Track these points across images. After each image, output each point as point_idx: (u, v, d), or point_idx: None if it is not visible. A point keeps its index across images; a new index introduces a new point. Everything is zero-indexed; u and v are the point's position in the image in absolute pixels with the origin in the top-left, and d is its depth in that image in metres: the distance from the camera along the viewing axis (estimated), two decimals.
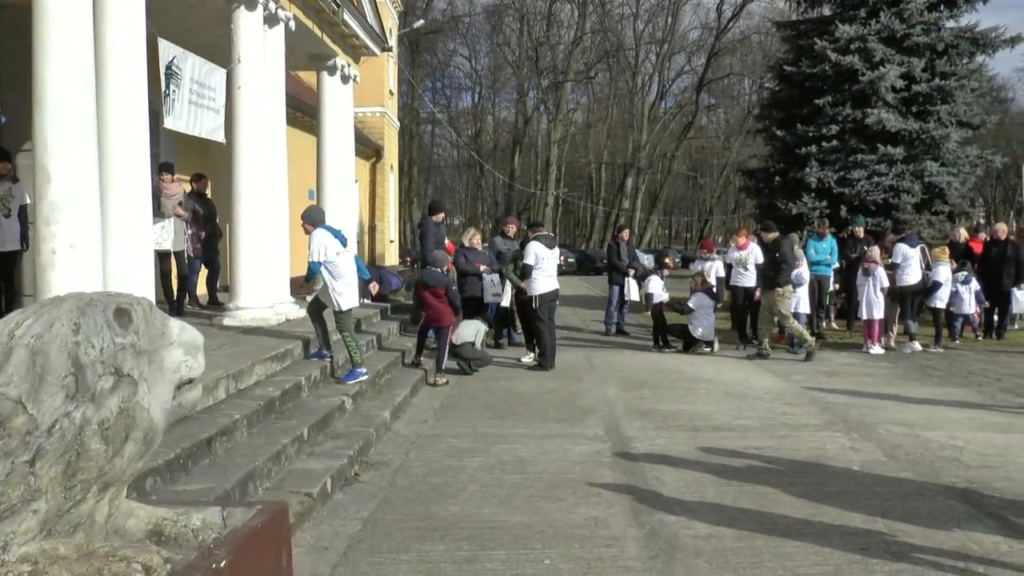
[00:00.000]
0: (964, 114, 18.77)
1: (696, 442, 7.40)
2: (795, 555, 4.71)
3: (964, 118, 18.85)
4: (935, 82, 18.26)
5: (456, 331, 11.09)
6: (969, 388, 10.38)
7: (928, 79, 18.31)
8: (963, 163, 18.65)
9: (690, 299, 13.59)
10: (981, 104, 19.99)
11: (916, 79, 18.21)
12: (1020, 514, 5.49)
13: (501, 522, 5.22)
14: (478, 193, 69.60)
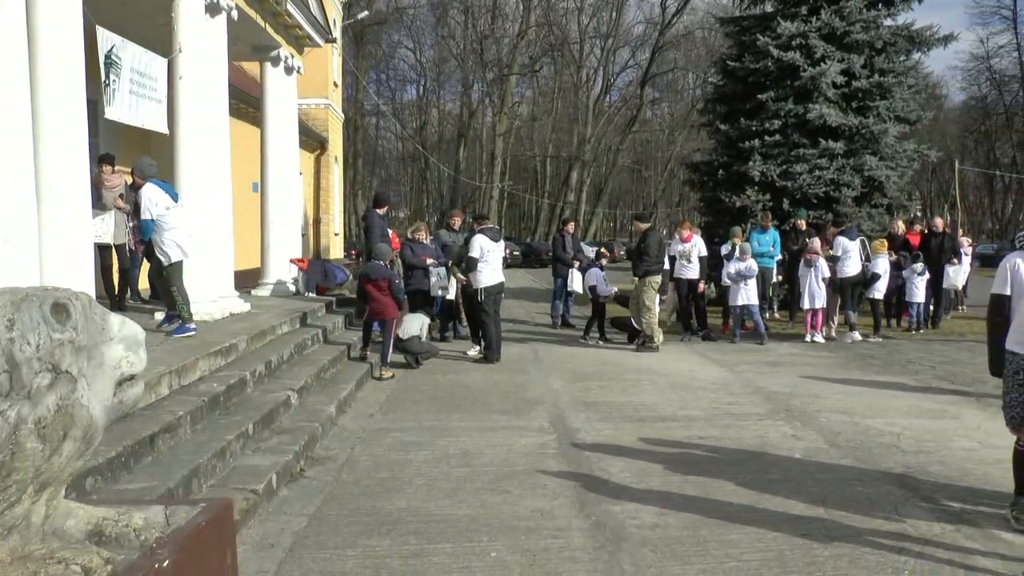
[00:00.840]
0: (901, 110, 19.17)
1: (641, 433, 7.46)
2: (739, 542, 4.78)
3: (901, 114, 19.26)
4: (874, 78, 18.62)
5: (402, 325, 11.06)
6: (906, 376, 10.62)
7: (867, 75, 18.66)
8: (901, 157, 19.06)
9: None
10: (917, 100, 20.40)
11: (856, 75, 18.54)
12: (952, 497, 5.67)
13: (447, 515, 5.22)
14: (423, 186, 69.35)
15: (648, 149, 73.02)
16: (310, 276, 14.46)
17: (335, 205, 28.03)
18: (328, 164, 26.14)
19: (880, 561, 4.53)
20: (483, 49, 58.27)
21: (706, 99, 23.29)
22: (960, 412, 8.48)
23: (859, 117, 18.42)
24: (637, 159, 72.81)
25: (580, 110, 63.18)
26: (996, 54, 64.50)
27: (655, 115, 71.36)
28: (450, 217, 15.21)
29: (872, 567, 4.46)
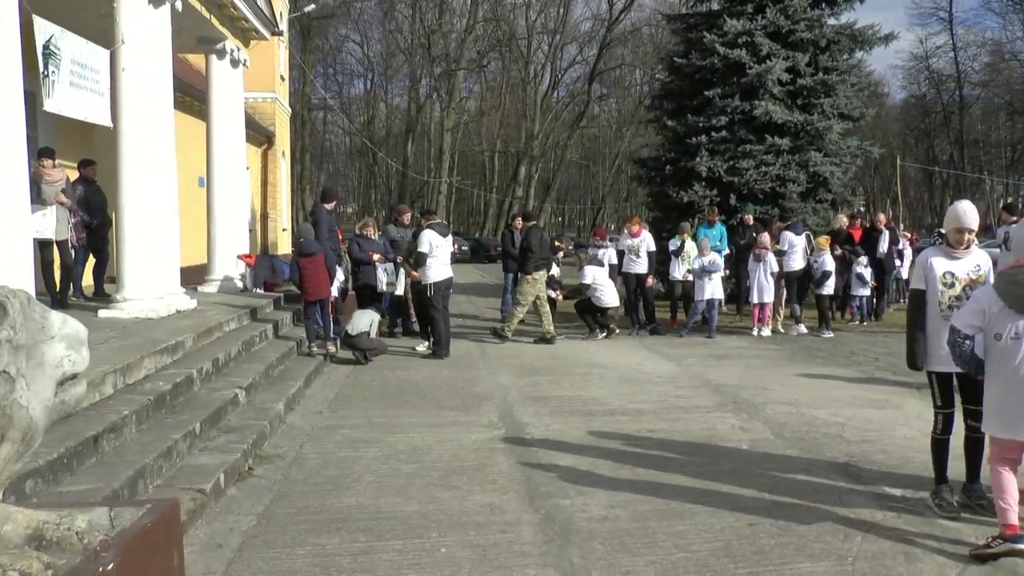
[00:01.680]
0: (845, 107, 19.52)
1: (590, 427, 7.50)
2: (687, 533, 4.83)
3: (845, 111, 19.61)
4: (818, 76, 18.92)
5: (351, 321, 11.01)
6: (850, 367, 10.82)
7: (812, 73, 18.94)
8: (844, 154, 19.40)
9: (583, 276, 13.73)
10: (860, 98, 20.76)
11: (801, 73, 18.81)
12: (893, 484, 5.80)
13: (397, 512, 5.20)
14: (371, 181, 68.96)
15: (596, 145, 73.29)
16: (258, 272, 14.30)
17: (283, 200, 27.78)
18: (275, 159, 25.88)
19: (825, 549, 4.62)
20: (431, 44, 58.01)
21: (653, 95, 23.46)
22: (902, 402, 8.66)
23: (804, 114, 18.68)
24: (585, 154, 73.07)
25: (528, 105, 63.16)
26: (934, 54, 66.29)
27: (603, 111, 71.58)
28: (398, 213, 15.15)
29: (817, 554, 4.54)
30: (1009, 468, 4.53)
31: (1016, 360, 4.41)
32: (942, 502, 5.17)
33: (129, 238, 9.73)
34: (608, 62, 62.35)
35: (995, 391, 4.54)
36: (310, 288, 10.71)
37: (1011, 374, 4.42)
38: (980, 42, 65.29)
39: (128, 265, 9.73)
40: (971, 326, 4.58)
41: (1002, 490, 4.48)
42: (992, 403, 4.58)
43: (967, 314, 4.64)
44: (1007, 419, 4.48)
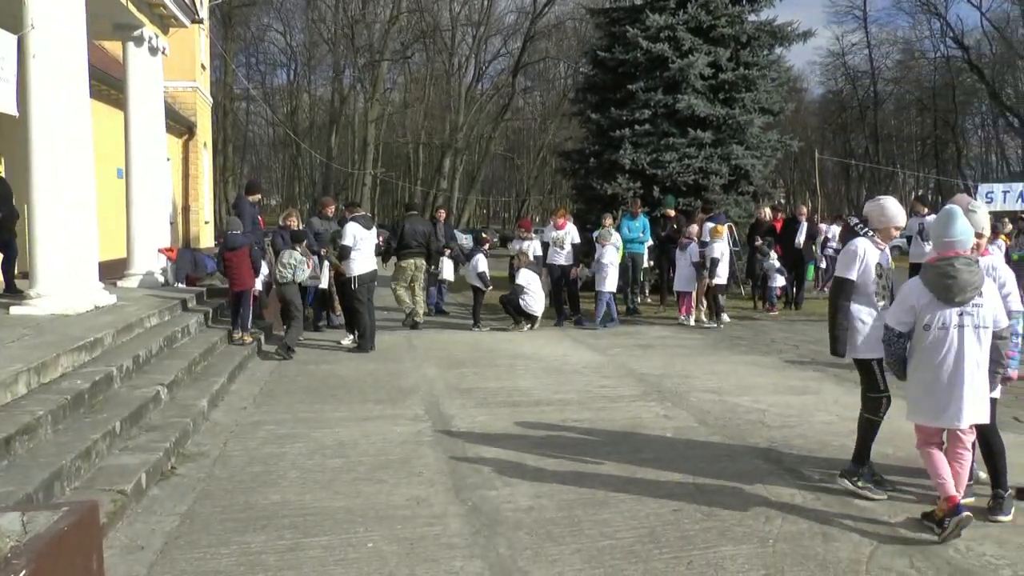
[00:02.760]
0: (765, 101, 19.91)
1: (516, 417, 7.53)
2: (612, 521, 4.88)
3: (765, 105, 20.01)
4: (739, 71, 19.25)
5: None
6: (771, 355, 11.06)
7: (733, 68, 19.27)
8: (765, 147, 19.81)
9: (517, 276, 13.77)
10: (780, 93, 21.21)
11: (722, 68, 19.12)
12: (812, 467, 5.98)
13: (323, 508, 5.15)
14: (295, 172, 68.03)
15: (520, 137, 73.44)
16: (179, 266, 14.00)
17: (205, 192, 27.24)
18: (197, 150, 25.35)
19: (747, 532, 4.72)
20: (354, 34, 57.39)
21: (577, 89, 23.58)
22: (820, 388, 8.89)
23: (726, 108, 19.00)
24: (510, 147, 73.13)
25: (452, 97, 62.94)
26: (850, 51, 68.58)
27: (527, 104, 71.76)
28: (322, 205, 14.96)
29: (740, 538, 4.63)
30: (936, 447, 4.71)
31: (944, 350, 4.53)
32: (870, 483, 5.33)
33: (42, 232, 9.42)
34: (532, 55, 62.43)
35: (921, 381, 4.65)
36: (235, 280, 10.88)
37: (939, 364, 4.54)
38: (892, 40, 67.84)
39: (42, 260, 9.42)
40: (904, 323, 4.69)
41: (936, 468, 4.65)
42: (918, 393, 4.70)
43: (898, 311, 4.74)
44: (933, 408, 4.61)
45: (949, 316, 4.53)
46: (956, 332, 4.52)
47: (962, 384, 4.52)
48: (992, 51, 60.24)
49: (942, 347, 4.54)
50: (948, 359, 4.53)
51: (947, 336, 4.53)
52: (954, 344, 4.53)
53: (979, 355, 4.57)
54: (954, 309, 4.52)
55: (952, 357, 4.53)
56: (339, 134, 61.37)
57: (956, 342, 4.53)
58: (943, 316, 4.54)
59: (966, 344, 4.52)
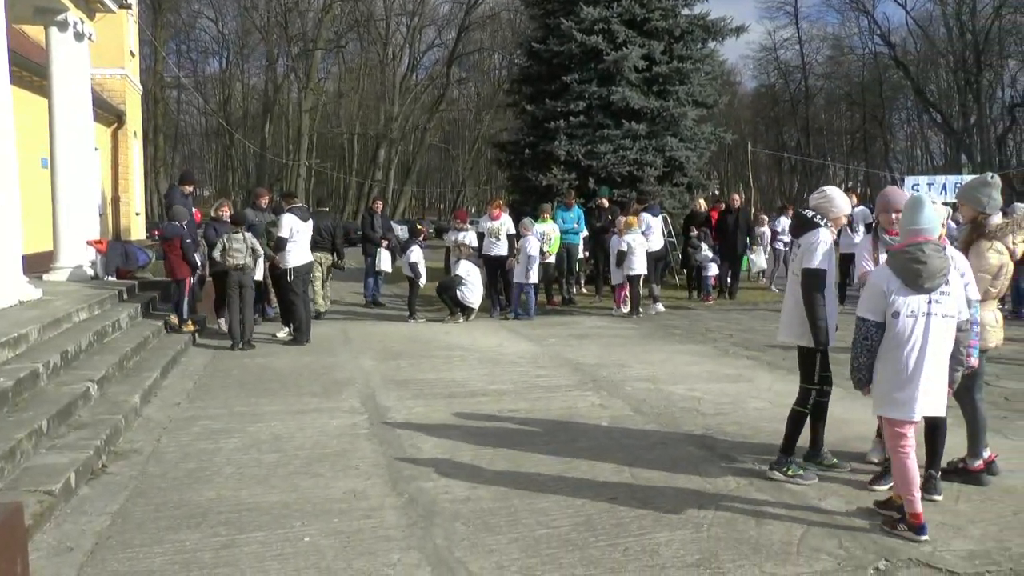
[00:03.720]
0: (699, 95, 20.12)
1: (452, 409, 7.52)
2: (549, 510, 4.90)
3: (699, 98, 20.22)
4: (673, 64, 19.40)
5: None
6: (706, 344, 11.19)
7: (667, 61, 19.42)
8: (699, 139, 20.04)
9: (457, 268, 13.75)
10: (714, 86, 21.43)
11: (656, 61, 19.25)
12: (746, 453, 6.08)
13: (259, 503, 5.08)
14: (228, 163, 66.92)
15: (456, 128, 73.30)
16: (109, 259, 13.66)
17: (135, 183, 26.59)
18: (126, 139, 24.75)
19: (682, 518, 4.77)
20: (287, 22, 56.69)
21: (512, 80, 23.61)
22: (754, 376, 9.03)
23: (660, 100, 19.16)
24: (445, 138, 72.96)
25: (387, 88, 62.60)
26: (782, 46, 70.06)
27: (462, 94, 71.60)
28: (256, 196, 14.73)
29: (675, 524, 4.68)
30: (909, 456, 4.58)
31: (911, 339, 4.48)
32: (800, 470, 5.43)
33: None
34: (467, 46, 62.43)
35: (890, 370, 4.57)
36: (170, 269, 11.19)
37: (907, 353, 4.49)
38: (823, 36, 69.44)
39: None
40: (878, 311, 4.59)
41: (907, 480, 4.55)
42: (887, 383, 4.60)
43: (871, 300, 4.64)
44: (902, 399, 4.54)
45: (918, 304, 4.49)
46: (924, 320, 4.47)
47: (922, 374, 4.48)
48: (916, 49, 61.92)
49: (910, 335, 4.48)
50: (915, 348, 4.48)
51: (915, 324, 4.48)
52: (921, 332, 4.48)
53: (944, 346, 4.54)
54: (923, 296, 4.48)
55: (919, 346, 4.47)
56: (273, 124, 60.59)
57: (923, 330, 4.47)
58: (912, 303, 4.49)
59: (931, 333, 4.47)
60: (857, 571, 4.10)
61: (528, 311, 13.93)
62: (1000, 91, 58.33)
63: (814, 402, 5.52)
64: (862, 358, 4.63)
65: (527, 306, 13.99)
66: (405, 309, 14.19)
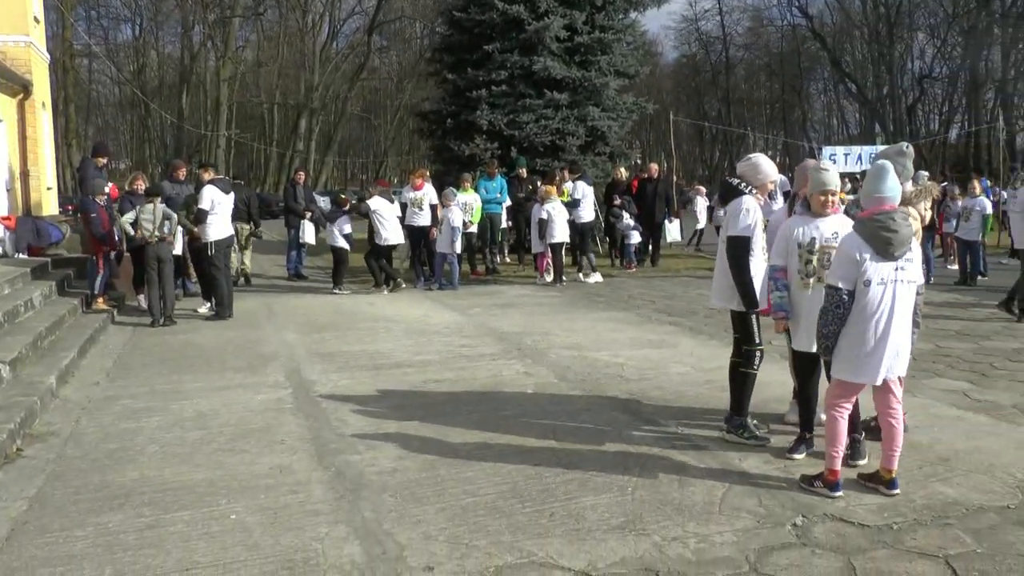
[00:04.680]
0: (621, 65, 20.23)
1: (378, 380, 7.50)
2: (476, 479, 4.93)
3: (621, 68, 20.34)
4: (595, 34, 19.45)
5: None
6: (629, 311, 11.34)
7: (589, 31, 19.46)
8: (621, 109, 20.17)
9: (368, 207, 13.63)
10: (635, 56, 21.56)
11: (578, 31, 19.28)
12: (670, 417, 6.18)
13: (184, 482, 5.00)
14: (144, 134, 65.14)
15: (377, 97, 72.39)
16: (19, 235, 13.26)
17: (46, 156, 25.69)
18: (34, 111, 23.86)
19: (607, 482, 4.84)
20: None
21: (434, 49, 23.41)
22: (677, 341, 9.19)
23: (582, 70, 19.22)
24: (366, 107, 72.00)
25: (307, 56, 61.45)
26: (703, 17, 71.04)
27: (383, 63, 70.71)
28: (174, 168, 14.39)
29: (600, 488, 4.75)
30: (844, 415, 4.72)
31: (880, 305, 4.54)
32: (749, 433, 5.56)
33: None
34: (388, 14, 61.43)
35: (856, 336, 4.61)
36: (87, 243, 11.06)
37: (875, 320, 4.55)
38: (743, 8, 70.14)
39: None
40: (850, 279, 4.59)
41: (835, 438, 4.68)
42: (851, 349, 4.64)
43: (843, 269, 4.64)
44: (863, 364, 4.60)
45: (888, 271, 4.55)
46: (892, 287, 4.54)
47: (889, 340, 4.56)
48: (833, 21, 63.17)
49: (879, 302, 4.54)
50: (883, 315, 4.54)
51: (885, 291, 4.54)
52: (889, 299, 4.55)
53: (908, 311, 4.64)
54: (891, 263, 4.54)
55: (886, 312, 4.54)
56: (190, 94, 59.07)
57: (891, 297, 4.55)
58: (882, 270, 4.54)
59: (897, 299, 4.55)
60: (776, 528, 4.23)
61: (452, 281, 13.95)
62: (910, 63, 59.82)
63: (732, 363, 5.66)
64: (833, 325, 4.64)
65: (451, 276, 14.01)
66: (328, 281, 14.07)
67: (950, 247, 16.09)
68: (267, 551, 4.03)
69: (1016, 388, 7.06)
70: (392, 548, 4.03)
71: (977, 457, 5.26)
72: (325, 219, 15.42)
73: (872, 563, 3.82)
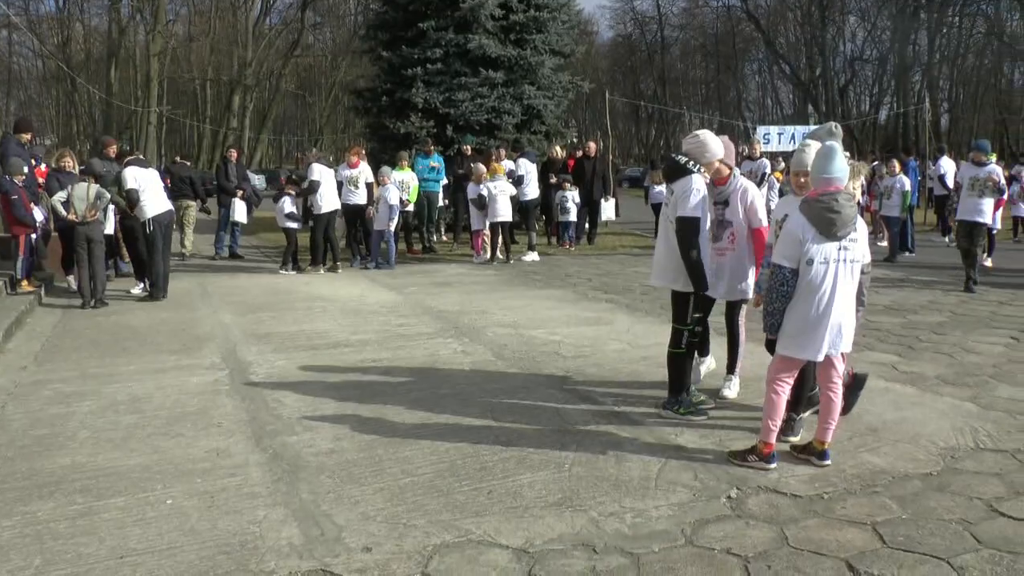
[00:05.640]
0: (556, 43, 20.25)
1: (315, 361, 7.46)
2: (413, 458, 4.94)
3: (556, 47, 20.35)
4: (530, 13, 19.44)
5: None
6: (565, 289, 11.42)
7: (524, 10, 19.43)
8: (557, 88, 20.21)
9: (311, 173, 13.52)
10: (571, 35, 21.61)
11: (513, 9, 19.25)
12: (606, 394, 6.27)
13: (117, 467, 4.90)
14: (72, 110, 63.32)
15: (312, 74, 71.43)
16: None
17: None
18: None
19: (545, 459, 4.90)
20: None
21: (368, 26, 23.16)
22: (613, 318, 9.29)
23: (517, 49, 19.20)
24: (301, 84, 70.99)
25: (240, 32, 60.38)
26: None
27: (318, 40, 69.86)
28: (104, 145, 14.03)
29: (538, 464, 4.80)
30: (785, 391, 4.81)
31: (823, 284, 4.63)
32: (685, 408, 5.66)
33: None
34: None
35: (799, 314, 4.69)
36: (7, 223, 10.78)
37: (818, 298, 4.64)
38: None
39: None
40: (794, 258, 4.67)
41: (773, 411, 4.78)
42: (794, 326, 4.72)
43: (787, 248, 4.71)
44: (805, 340, 4.69)
45: (831, 251, 4.63)
46: (835, 267, 4.64)
47: (830, 317, 4.66)
48: (767, 3, 63.93)
49: (822, 281, 4.63)
50: (825, 293, 4.64)
51: (827, 270, 4.63)
52: (832, 278, 4.64)
53: (851, 289, 4.74)
54: (834, 243, 4.63)
55: (829, 291, 4.64)
56: (119, 68, 57.51)
57: (834, 276, 4.64)
58: (825, 250, 4.63)
59: (840, 278, 4.65)
60: (711, 501, 4.32)
61: (389, 260, 13.90)
62: (842, 45, 61.08)
63: (687, 342, 5.72)
64: (777, 303, 4.72)
65: (388, 255, 13.95)
66: (265, 261, 13.90)
67: (880, 225, 16.50)
68: (204, 536, 3.99)
69: (940, 360, 7.33)
70: (330, 529, 4.02)
71: (904, 427, 5.46)
72: (258, 198, 15.24)
73: (804, 532, 3.93)
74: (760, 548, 3.78)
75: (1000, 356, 7.49)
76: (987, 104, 53.67)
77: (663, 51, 70.29)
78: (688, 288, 5.56)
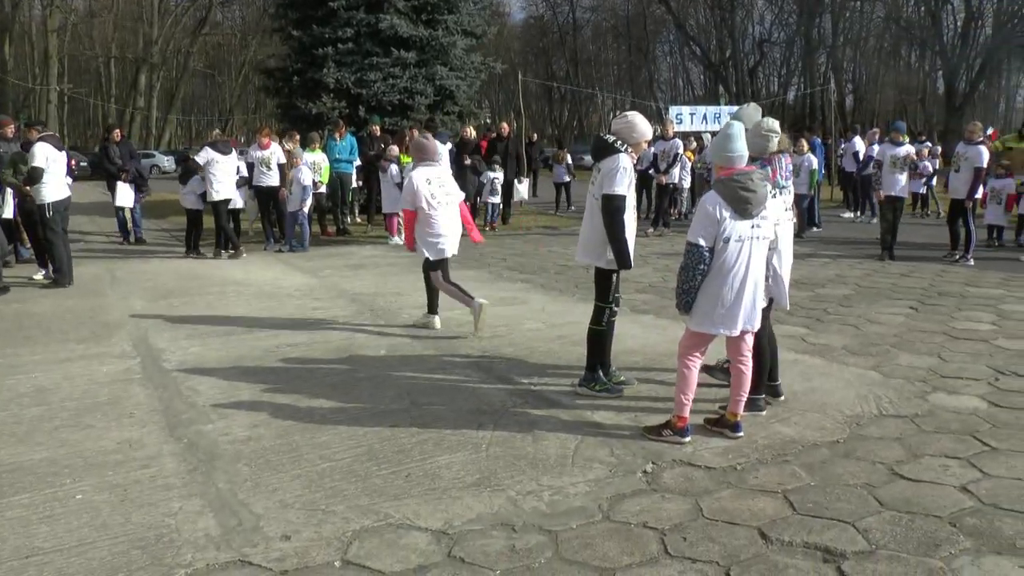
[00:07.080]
0: (468, 24, 20.18)
1: (229, 347, 7.35)
2: (331, 443, 4.94)
3: (468, 28, 20.28)
4: None
5: None
6: (480, 269, 11.50)
7: None
8: (469, 68, 20.19)
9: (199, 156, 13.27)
10: (483, 16, 21.58)
11: None
12: (522, 374, 6.34)
13: (22, 462, 4.75)
14: None
15: (221, 53, 69.91)
16: None
17: None
18: None
19: (461, 440, 4.94)
20: None
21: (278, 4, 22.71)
22: (528, 298, 9.39)
23: (429, 29, 19.09)
24: (210, 63, 69.45)
25: (144, 8, 58.65)
26: None
27: (226, 18, 68.31)
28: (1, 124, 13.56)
29: (455, 446, 4.84)
30: (696, 365, 4.93)
31: (737, 262, 4.72)
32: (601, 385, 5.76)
33: None
34: None
35: (712, 291, 4.77)
36: None
37: (733, 275, 4.73)
38: None
39: None
40: (710, 236, 4.73)
41: (687, 385, 4.88)
42: (708, 303, 4.79)
43: (703, 227, 4.75)
44: (721, 317, 4.78)
45: (744, 228, 4.72)
46: (748, 244, 4.74)
47: (744, 293, 4.77)
48: None
49: (736, 258, 4.72)
50: (739, 270, 4.73)
51: (741, 248, 4.72)
52: (746, 256, 4.74)
53: (761, 266, 4.88)
54: (748, 221, 4.73)
55: (743, 268, 4.74)
56: (14, 44, 55.27)
57: (747, 253, 4.74)
58: (739, 228, 4.71)
59: (753, 255, 4.77)
60: (627, 476, 4.42)
61: (303, 243, 13.75)
62: (751, 27, 62.32)
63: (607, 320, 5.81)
64: (694, 281, 4.77)
65: (302, 238, 13.80)
66: (173, 244, 13.61)
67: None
68: (117, 530, 3.90)
69: (846, 331, 7.64)
70: (248, 519, 3.99)
71: (812, 397, 5.69)
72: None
73: (718, 503, 4.06)
74: (676, 520, 3.89)
75: (901, 326, 7.85)
76: (887, 85, 55.45)
77: (575, 32, 70.76)
78: (612, 266, 5.65)
